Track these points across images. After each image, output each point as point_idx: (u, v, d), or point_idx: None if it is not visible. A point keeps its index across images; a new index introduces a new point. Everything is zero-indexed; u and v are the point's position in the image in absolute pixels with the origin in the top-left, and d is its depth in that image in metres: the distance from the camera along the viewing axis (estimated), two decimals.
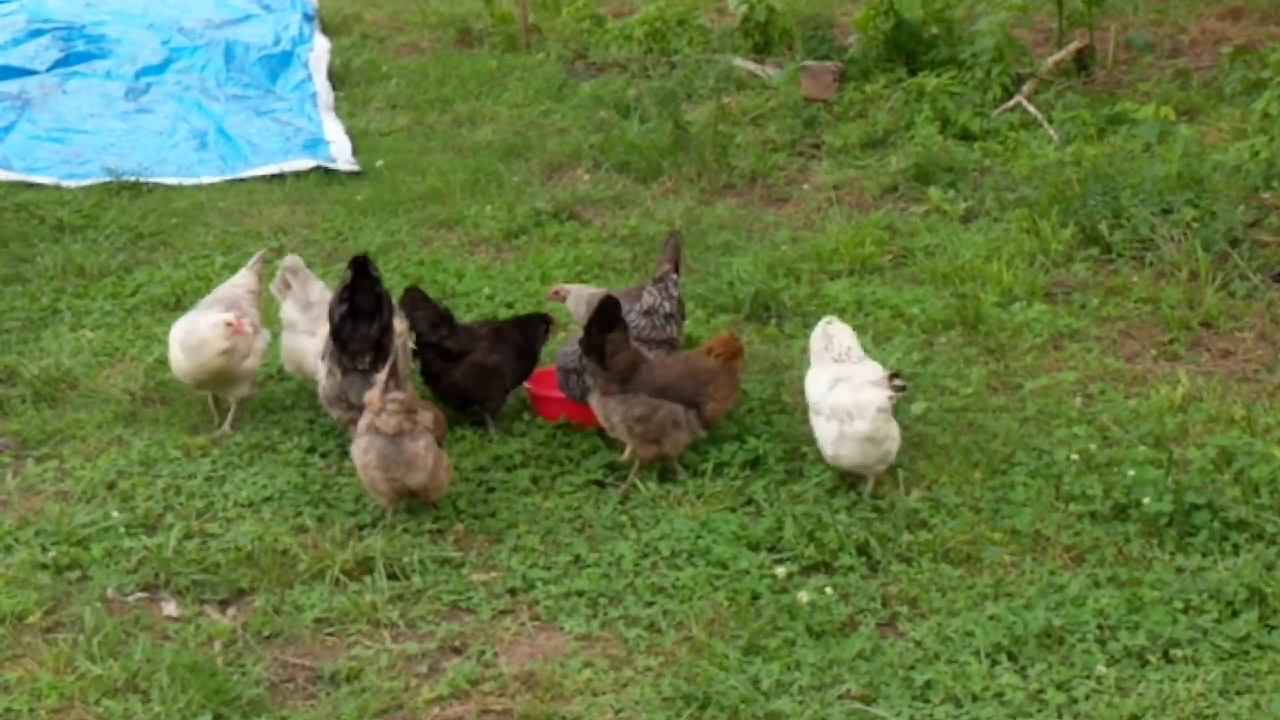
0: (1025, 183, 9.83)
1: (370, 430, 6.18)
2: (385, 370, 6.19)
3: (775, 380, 7.38)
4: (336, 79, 13.24)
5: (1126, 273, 8.57)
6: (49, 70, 12.89)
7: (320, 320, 6.94)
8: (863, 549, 5.99)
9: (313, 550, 6.06)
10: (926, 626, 5.52)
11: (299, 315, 7.21)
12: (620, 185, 10.51)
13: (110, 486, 6.67)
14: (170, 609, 5.80)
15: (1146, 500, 6.07)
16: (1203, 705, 5.06)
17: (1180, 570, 5.77)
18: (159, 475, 6.75)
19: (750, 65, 12.84)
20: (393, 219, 9.99)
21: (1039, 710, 5.07)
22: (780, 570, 5.84)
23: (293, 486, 6.59)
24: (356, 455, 6.27)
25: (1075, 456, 6.54)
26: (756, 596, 5.72)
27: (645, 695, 5.21)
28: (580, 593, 5.82)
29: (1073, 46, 12.34)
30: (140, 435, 7.11)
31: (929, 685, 5.19)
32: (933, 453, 6.76)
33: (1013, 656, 5.33)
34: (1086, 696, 5.12)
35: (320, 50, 13.69)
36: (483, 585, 5.92)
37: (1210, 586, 5.59)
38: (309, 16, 14.35)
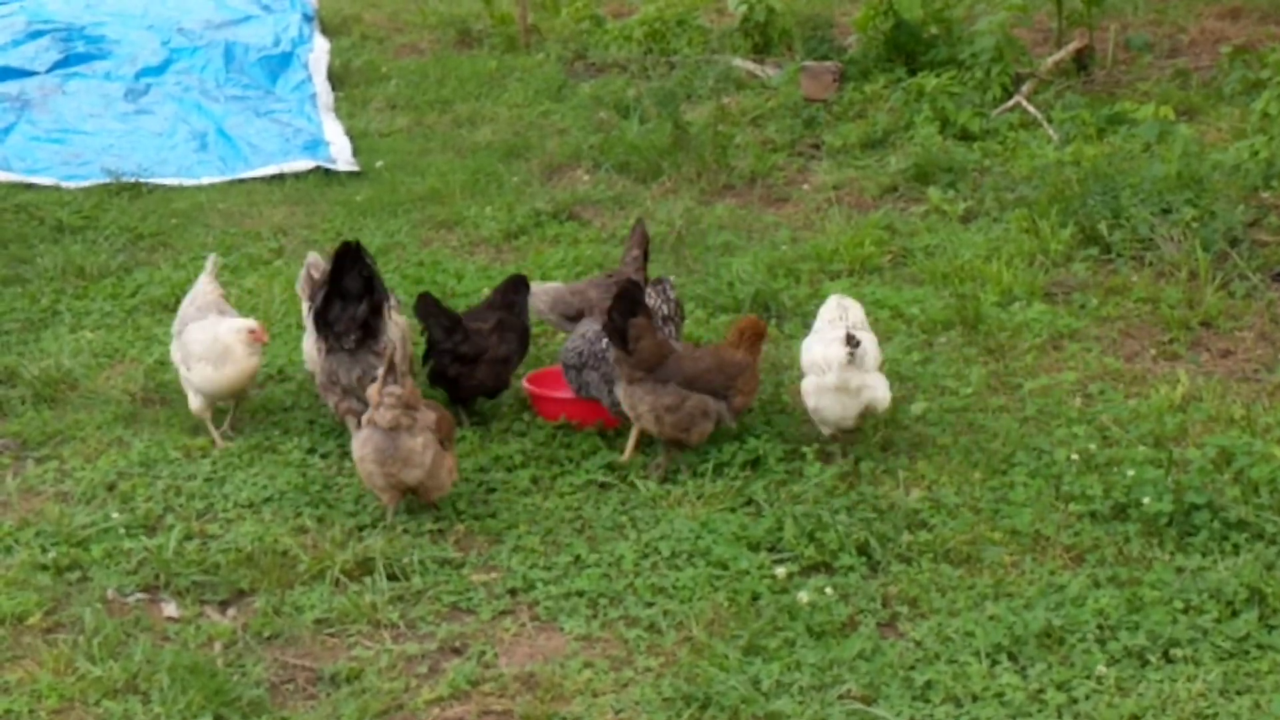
0: (1025, 183, 9.83)
1: (369, 424, 6.20)
2: (384, 364, 6.20)
3: (775, 380, 7.37)
4: (336, 80, 13.25)
5: (1126, 272, 8.57)
6: (49, 71, 12.90)
7: None
8: (863, 549, 5.99)
9: (313, 551, 6.06)
10: (927, 626, 5.52)
11: None
12: (620, 186, 10.51)
13: (110, 487, 6.67)
14: (170, 610, 5.80)
15: (1146, 500, 6.07)
16: (1203, 705, 5.06)
17: (1180, 570, 5.77)
18: (159, 476, 6.76)
19: (750, 65, 12.84)
20: (392, 220, 10.00)
21: (1039, 710, 5.06)
22: (780, 570, 5.84)
23: (293, 487, 6.59)
24: (355, 449, 6.28)
25: (1075, 456, 6.54)
26: (757, 597, 5.72)
27: (645, 695, 5.21)
28: (580, 593, 5.82)
29: (1072, 46, 12.34)
30: (140, 436, 7.11)
31: (929, 685, 5.19)
32: (932, 453, 6.76)
33: (1013, 656, 5.32)
34: (1087, 696, 5.11)
35: (320, 51, 13.70)
36: (483, 586, 5.92)
37: (1210, 586, 5.59)
38: (308, 17, 14.35)
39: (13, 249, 9.52)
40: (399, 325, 6.93)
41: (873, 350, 6.70)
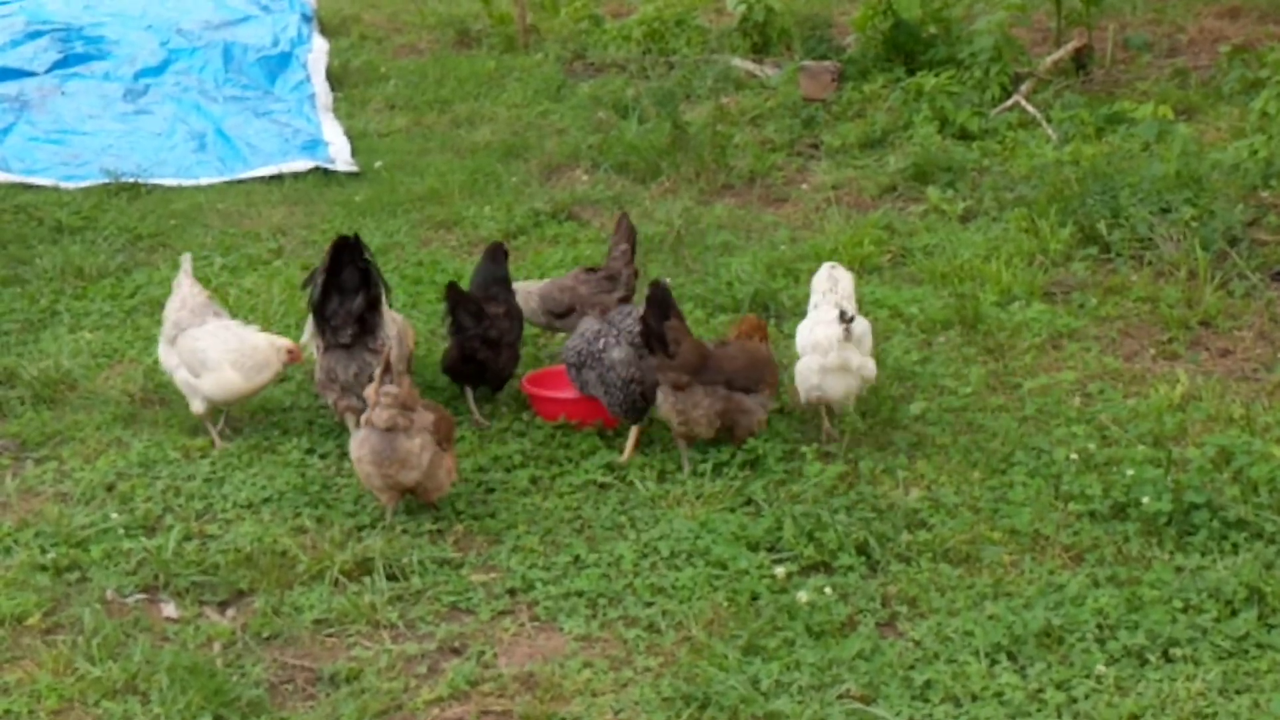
0: (1024, 182, 9.84)
1: (367, 424, 6.20)
2: (380, 364, 6.20)
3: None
4: (335, 80, 13.25)
5: (1125, 272, 8.57)
6: (48, 72, 12.90)
7: None
8: (862, 549, 5.98)
9: (312, 551, 6.06)
10: (926, 626, 5.52)
11: None
12: (619, 185, 10.51)
13: (109, 488, 6.67)
14: (170, 610, 5.80)
15: (1146, 499, 6.07)
16: (1202, 704, 5.06)
17: (1179, 569, 5.77)
18: (158, 477, 6.75)
19: (749, 65, 12.84)
20: (391, 220, 9.99)
21: (1038, 710, 5.06)
22: (779, 570, 5.84)
23: (292, 488, 6.59)
24: (352, 449, 6.28)
25: (1074, 456, 6.54)
26: (756, 596, 5.72)
27: (645, 695, 5.21)
28: (580, 593, 5.82)
29: (1071, 46, 12.35)
30: (139, 437, 7.11)
31: (928, 685, 5.19)
32: (932, 452, 6.76)
33: (1012, 656, 5.32)
34: (1086, 696, 5.11)
35: (319, 51, 13.69)
36: (482, 586, 5.92)
37: (1209, 585, 5.59)
38: (307, 17, 14.35)
39: (12, 250, 9.51)
40: (396, 323, 6.93)
41: (860, 327, 6.86)
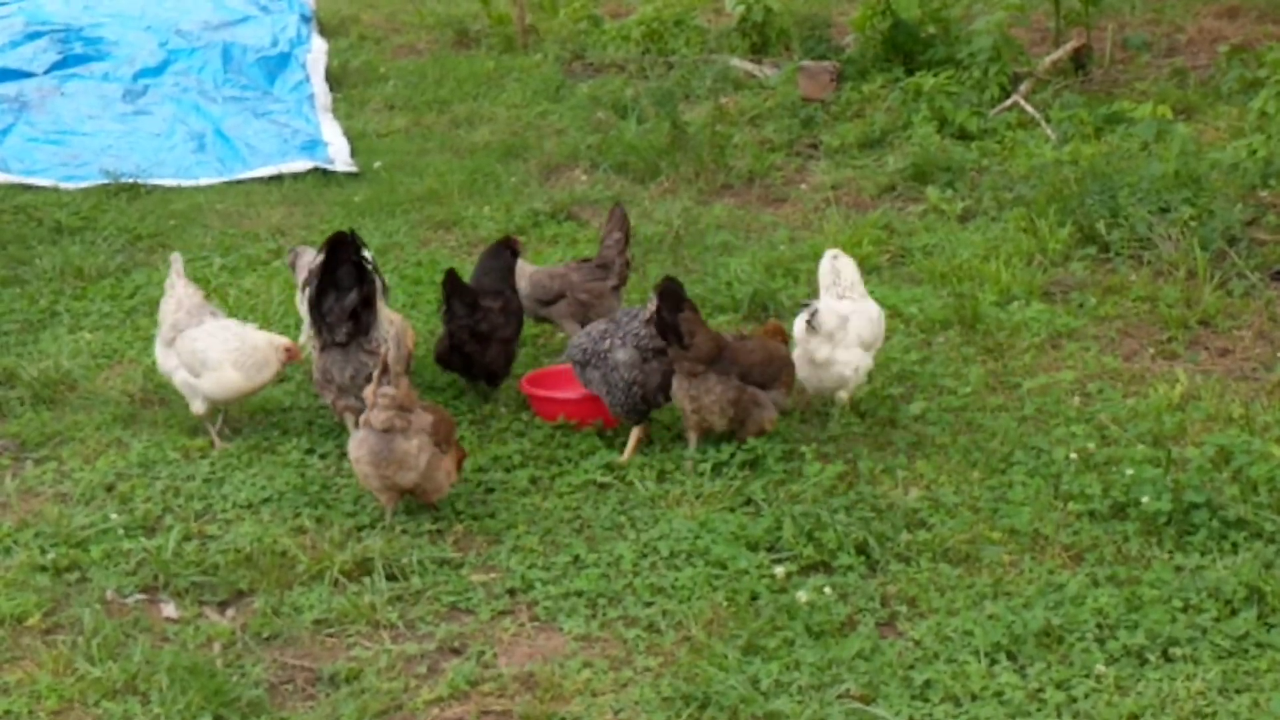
0: (1023, 182, 9.84)
1: (365, 425, 6.20)
2: (379, 365, 6.20)
3: None
4: (334, 80, 13.25)
5: (1124, 272, 8.57)
6: (47, 72, 12.90)
7: None
8: (861, 548, 5.99)
9: (312, 551, 6.06)
10: (925, 626, 5.52)
11: None
12: (618, 186, 10.51)
13: (109, 488, 6.67)
14: (169, 610, 5.80)
15: (1145, 499, 6.07)
16: (1202, 704, 5.06)
17: (1179, 569, 5.77)
18: (158, 477, 6.75)
19: (747, 65, 12.85)
20: (391, 220, 9.99)
21: (1038, 709, 5.06)
22: (779, 570, 5.84)
23: (291, 488, 6.59)
24: (351, 450, 6.28)
25: (1074, 455, 6.54)
26: (755, 596, 5.72)
27: (644, 695, 5.21)
28: (579, 593, 5.82)
29: (1070, 46, 12.36)
30: (139, 437, 7.11)
31: (928, 684, 5.19)
32: (931, 452, 6.76)
33: (1012, 656, 5.32)
34: (1086, 695, 5.11)
35: (318, 52, 13.70)
36: (482, 586, 5.92)
37: (1209, 585, 5.59)
38: (306, 18, 14.36)
39: (11, 250, 9.51)
40: (394, 324, 6.92)
41: (857, 323, 6.94)
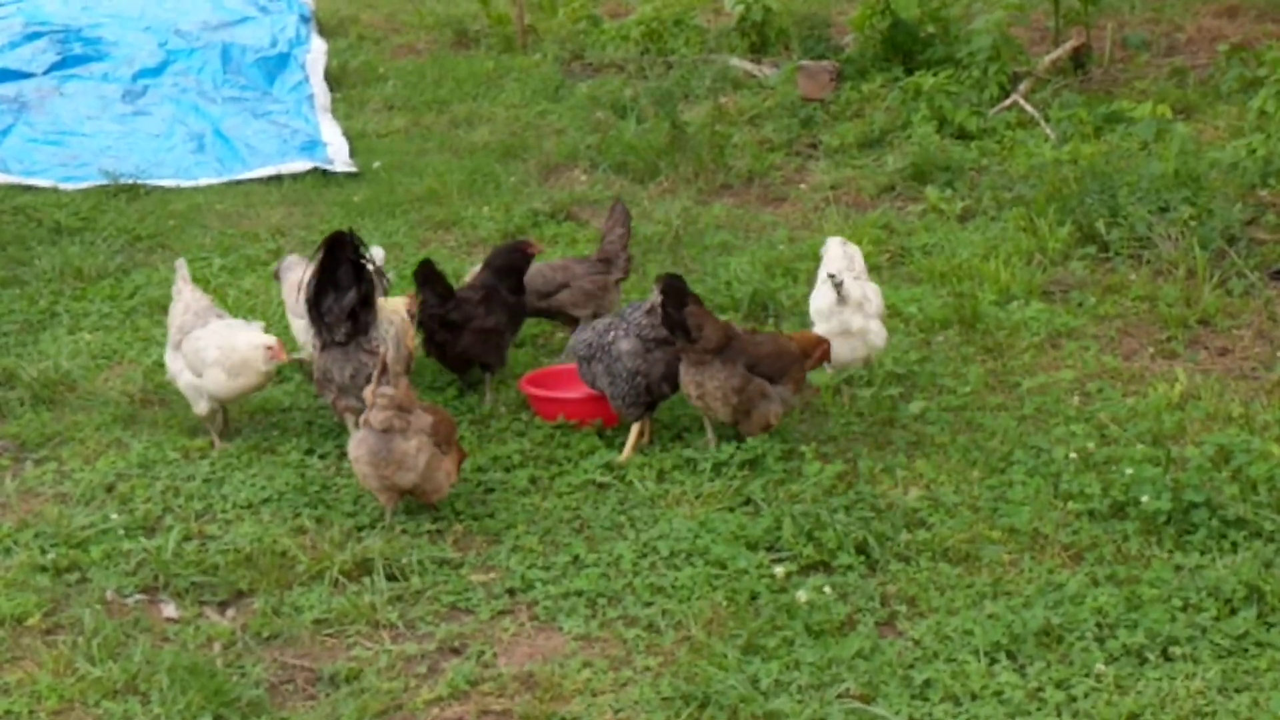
0: (1022, 181, 9.85)
1: (365, 425, 6.20)
2: (377, 365, 6.20)
3: None
4: (333, 80, 13.25)
5: (1124, 271, 8.58)
6: (46, 73, 12.89)
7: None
8: (861, 548, 5.99)
9: (312, 551, 6.06)
10: (925, 625, 5.52)
11: None
12: (617, 186, 10.51)
13: (109, 489, 6.67)
14: (170, 611, 5.80)
15: (1145, 498, 6.07)
16: (1201, 703, 5.06)
17: (1179, 568, 5.77)
18: (158, 477, 6.75)
19: (747, 65, 12.85)
20: (390, 220, 9.99)
21: (1038, 709, 5.06)
22: (779, 570, 5.84)
23: (291, 488, 6.59)
24: (350, 450, 6.28)
25: (1073, 455, 6.54)
26: (755, 596, 5.72)
27: (644, 695, 5.21)
28: (579, 593, 5.82)
29: (1069, 45, 12.36)
30: (139, 437, 7.11)
31: (928, 684, 5.19)
32: (931, 452, 6.76)
33: (1011, 655, 5.32)
34: (1085, 695, 5.11)
35: (317, 52, 13.69)
36: (481, 586, 5.92)
37: (1209, 584, 5.59)
38: (305, 18, 14.35)
39: (11, 251, 9.51)
40: (394, 324, 6.93)
41: (875, 298, 7.17)
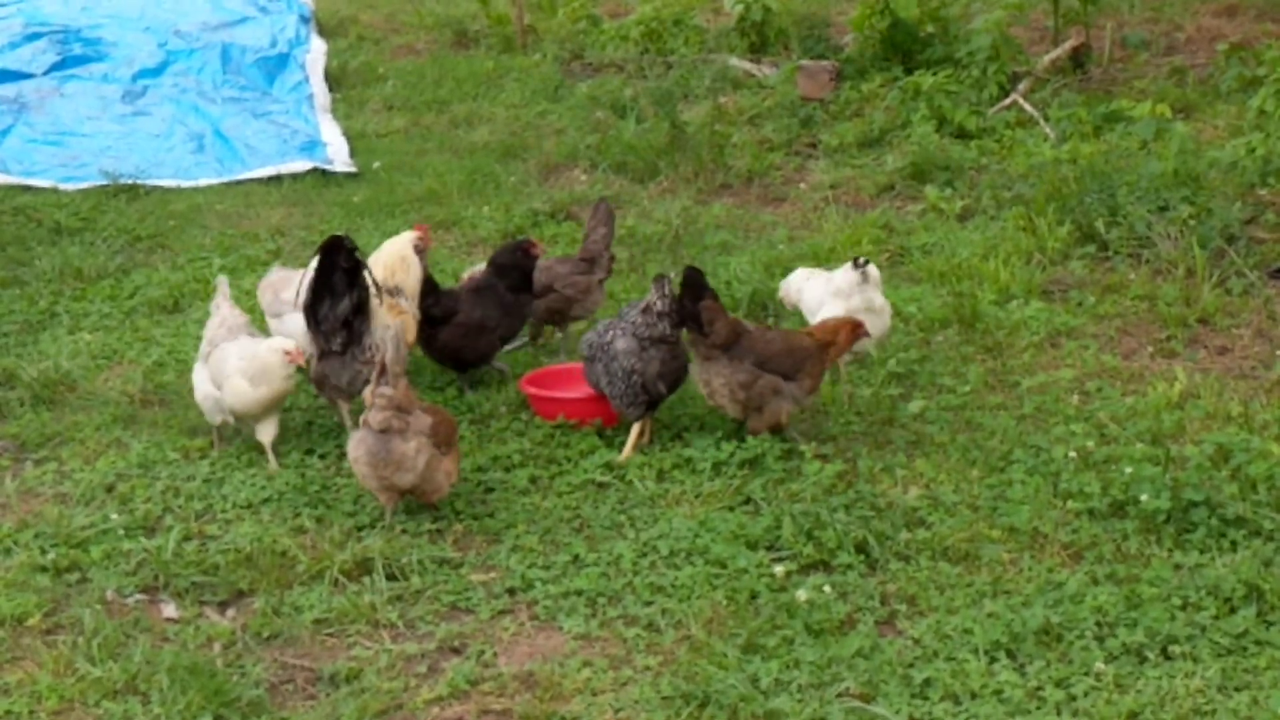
0: (1022, 181, 9.85)
1: (364, 425, 6.20)
2: (376, 366, 6.20)
3: None
4: (333, 81, 13.25)
5: (1123, 270, 8.58)
6: (46, 73, 12.91)
7: None
8: (861, 547, 5.99)
9: (311, 551, 6.06)
10: (925, 624, 5.52)
11: None
12: (617, 185, 10.52)
13: (109, 489, 6.67)
14: (170, 611, 5.80)
15: (1144, 497, 6.07)
16: (1201, 702, 5.06)
17: (1178, 567, 5.78)
18: (158, 477, 6.75)
19: (746, 65, 12.86)
20: (390, 220, 9.99)
21: (1038, 707, 5.07)
22: (779, 569, 5.85)
23: (291, 488, 6.59)
24: (349, 450, 6.27)
25: (1073, 454, 6.54)
26: (755, 595, 5.72)
27: (644, 694, 5.21)
28: (579, 592, 5.82)
29: (1068, 45, 12.36)
30: (139, 437, 7.11)
31: (928, 683, 5.19)
32: (930, 451, 6.77)
33: (1011, 654, 5.32)
34: (1085, 694, 5.11)
35: (317, 52, 13.71)
36: (481, 585, 5.92)
37: (1208, 583, 5.59)
38: (305, 18, 14.36)
39: (11, 251, 9.52)
40: (394, 324, 6.92)
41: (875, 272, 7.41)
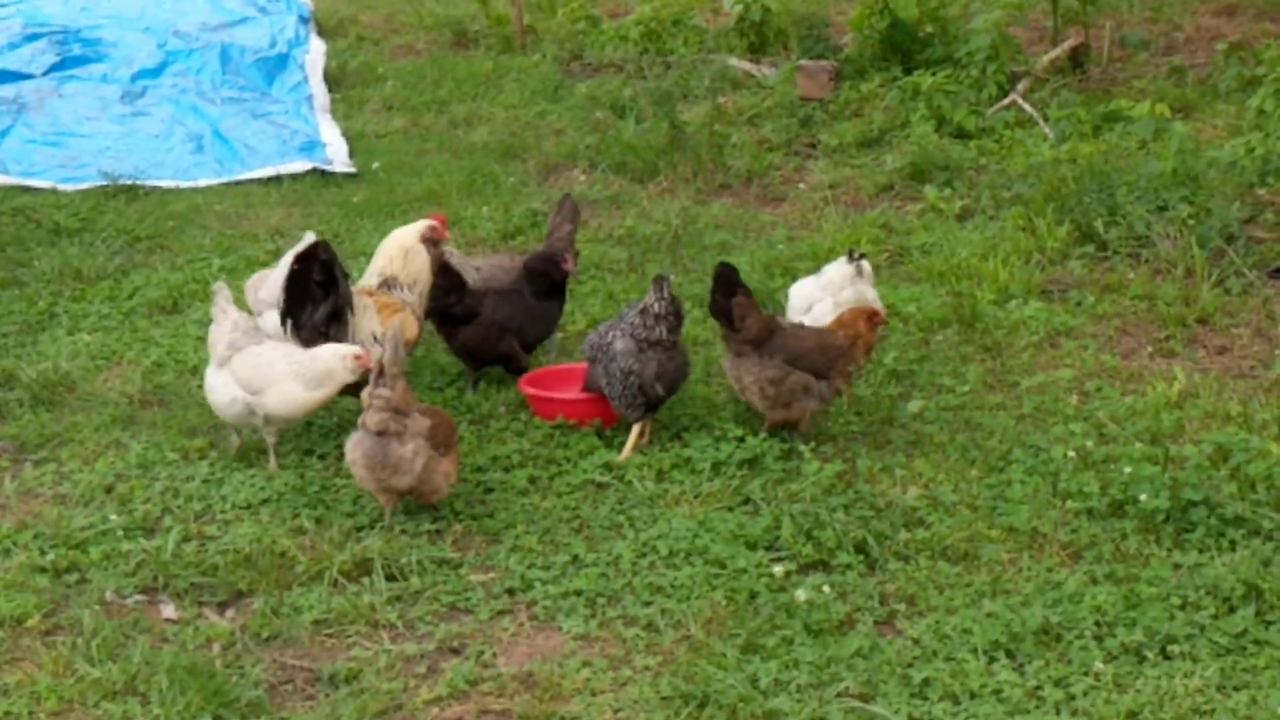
0: (1021, 180, 9.85)
1: (361, 426, 6.20)
2: (375, 368, 6.20)
3: None
4: (332, 81, 13.26)
5: (1122, 270, 8.58)
6: (45, 74, 12.91)
7: None
8: (860, 547, 5.99)
9: (311, 552, 6.06)
10: (924, 624, 5.52)
11: None
12: (616, 185, 10.52)
13: (108, 489, 6.67)
14: (169, 611, 5.80)
15: (1143, 497, 6.07)
16: (1200, 701, 5.06)
17: (1177, 567, 5.78)
18: (157, 478, 6.76)
19: (746, 65, 12.86)
20: (389, 221, 9.97)
21: (1037, 707, 5.07)
22: (778, 569, 5.85)
23: (290, 488, 6.59)
24: (347, 451, 6.27)
25: (1072, 454, 6.54)
26: (754, 595, 5.73)
27: (644, 694, 5.21)
28: (578, 592, 5.82)
29: (1068, 44, 12.37)
30: (138, 438, 7.11)
31: (927, 683, 5.19)
32: (930, 451, 6.77)
33: (1010, 654, 5.33)
34: (1084, 693, 5.12)
35: (316, 52, 13.71)
36: (481, 586, 5.92)
37: (1207, 583, 5.59)
38: (304, 19, 14.37)
39: (10, 252, 9.52)
40: (394, 324, 6.91)
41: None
